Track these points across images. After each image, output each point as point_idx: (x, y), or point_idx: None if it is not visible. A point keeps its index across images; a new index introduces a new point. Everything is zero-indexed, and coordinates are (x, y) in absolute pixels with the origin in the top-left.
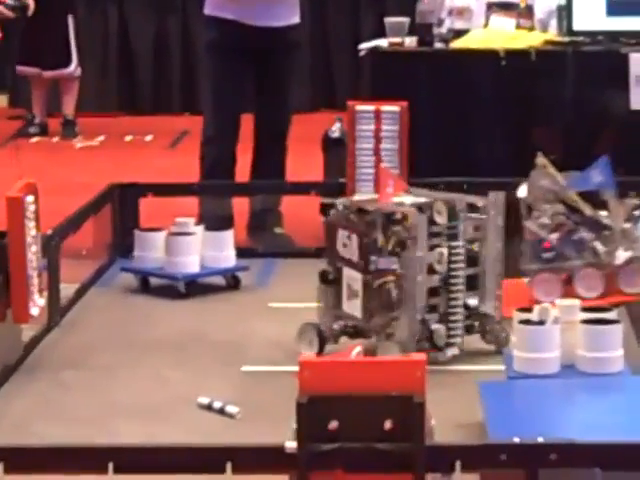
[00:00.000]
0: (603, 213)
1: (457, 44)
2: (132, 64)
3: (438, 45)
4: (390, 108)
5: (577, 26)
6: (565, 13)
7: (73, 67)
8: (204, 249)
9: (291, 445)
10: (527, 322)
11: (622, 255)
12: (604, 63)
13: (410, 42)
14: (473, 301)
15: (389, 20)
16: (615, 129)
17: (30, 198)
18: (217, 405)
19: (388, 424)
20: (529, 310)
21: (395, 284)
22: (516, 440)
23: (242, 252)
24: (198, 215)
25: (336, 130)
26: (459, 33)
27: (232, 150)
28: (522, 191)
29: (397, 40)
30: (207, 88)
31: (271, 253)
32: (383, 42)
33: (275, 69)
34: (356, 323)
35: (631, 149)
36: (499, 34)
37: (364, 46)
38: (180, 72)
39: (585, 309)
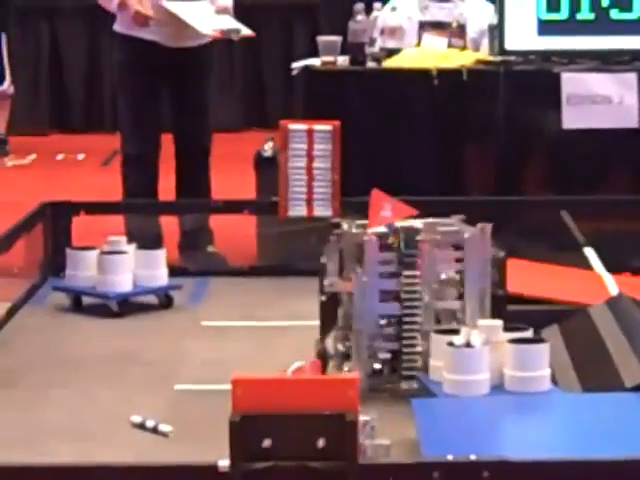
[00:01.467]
0: None
1: (389, 63)
2: (64, 83)
3: (370, 64)
4: (322, 127)
5: (509, 45)
6: (497, 32)
7: (6, 85)
8: (136, 268)
9: (224, 464)
10: (452, 344)
11: None
12: (536, 82)
13: (343, 61)
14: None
15: (321, 39)
16: (547, 148)
17: None
18: (150, 424)
19: (321, 442)
20: (452, 332)
21: (344, 307)
22: (449, 457)
23: (174, 271)
24: (125, 233)
25: (268, 149)
26: (391, 52)
27: (154, 168)
28: None
29: (330, 59)
30: (124, 106)
31: (204, 272)
32: (315, 61)
33: (191, 88)
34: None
35: (563, 168)
36: (431, 53)
37: (296, 65)
38: (111, 90)
39: (507, 328)
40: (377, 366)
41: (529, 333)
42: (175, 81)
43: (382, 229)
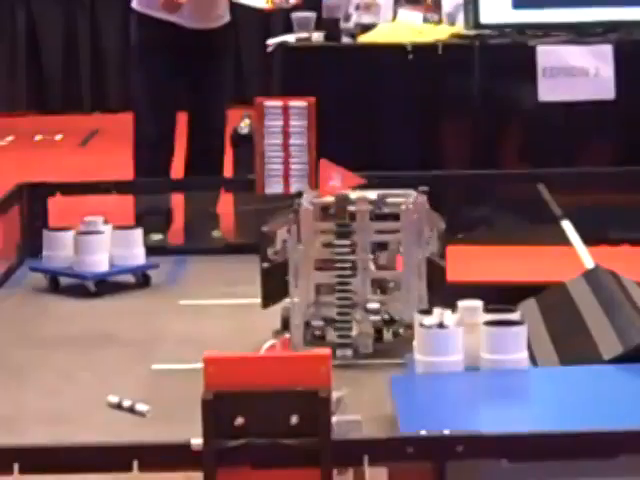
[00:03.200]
0: None
1: (364, 38)
2: (41, 63)
3: (345, 40)
4: (298, 103)
5: (484, 19)
6: (472, 6)
7: None
8: (113, 247)
9: (197, 442)
10: (423, 325)
11: None
12: (511, 56)
13: (317, 37)
14: (373, 305)
15: (296, 15)
16: (523, 121)
17: None
18: (127, 404)
19: (294, 419)
20: (428, 312)
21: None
22: (422, 433)
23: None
24: (134, 215)
25: (245, 126)
26: (366, 27)
27: (169, 148)
28: None
29: (304, 35)
30: (139, 86)
31: (181, 250)
32: (291, 37)
33: (209, 68)
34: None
35: (539, 141)
36: (406, 28)
37: (272, 41)
38: (90, 70)
39: (488, 310)
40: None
41: (515, 315)
42: (193, 62)
43: (326, 199)
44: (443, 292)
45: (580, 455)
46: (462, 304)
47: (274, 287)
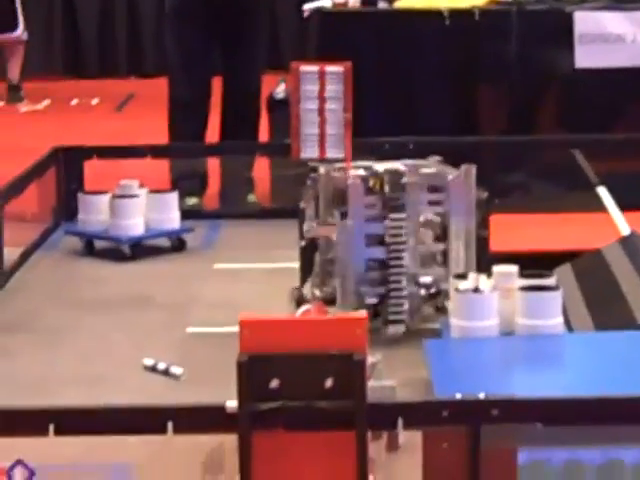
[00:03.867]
0: None
1: (401, 4)
2: (77, 28)
3: (382, 5)
4: (334, 68)
5: None
6: None
7: (19, 31)
8: (148, 211)
9: (232, 404)
10: (458, 289)
11: None
12: (548, 22)
13: (354, 2)
14: (426, 278)
15: None
16: (560, 88)
17: None
18: (162, 366)
19: (329, 382)
20: (464, 277)
21: (328, 253)
22: (458, 396)
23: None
24: (170, 179)
25: (281, 91)
26: None
27: (203, 113)
28: None
29: (341, 0)
30: (174, 52)
31: (217, 214)
32: (327, 2)
33: (244, 31)
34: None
35: (576, 108)
36: None
37: (308, 7)
38: (126, 35)
39: (523, 275)
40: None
41: (550, 280)
42: (227, 27)
43: (361, 172)
44: (486, 262)
45: (614, 420)
46: (497, 269)
47: (310, 264)
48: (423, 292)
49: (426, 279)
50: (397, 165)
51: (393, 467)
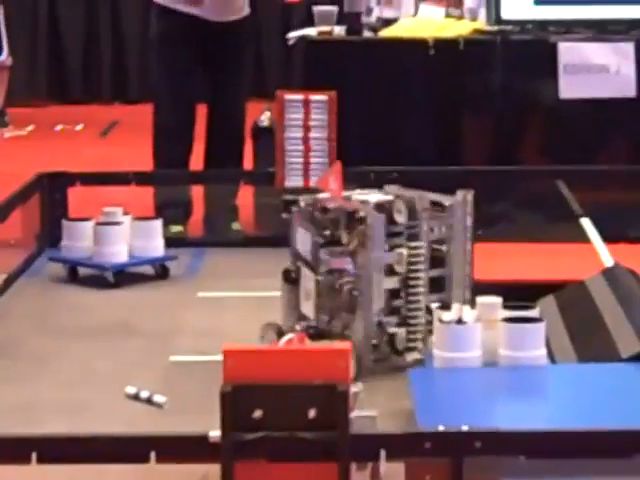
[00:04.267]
0: None
1: (386, 33)
2: (62, 53)
3: (367, 34)
4: (319, 97)
5: (505, 15)
6: (493, 2)
7: (4, 56)
8: (132, 239)
9: (215, 434)
10: (442, 320)
11: None
12: (533, 52)
13: (339, 31)
14: (435, 305)
15: (318, 9)
16: (544, 118)
17: None
18: (144, 395)
19: (312, 413)
20: (447, 307)
21: (350, 284)
22: (441, 428)
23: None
24: (154, 206)
25: (265, 119)
26: (388, 22)
27: (188, 140)
28: None
29: (326, 29)
30: (160, 78)
31: (201, 242)
32: (312, 31)
33: (229, 61)
34: (317, 324)
35: (560, 138)
36: (428, 23)
37: (293, 35)
38: (110, 61)
39: (506, 306)
40: (375, 341)
41: (533, 312)
42: (213, 54)
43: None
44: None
45: (597, 453)
46: (481, 300)
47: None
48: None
49: (435, 305)
50: (386, 194)
51: None
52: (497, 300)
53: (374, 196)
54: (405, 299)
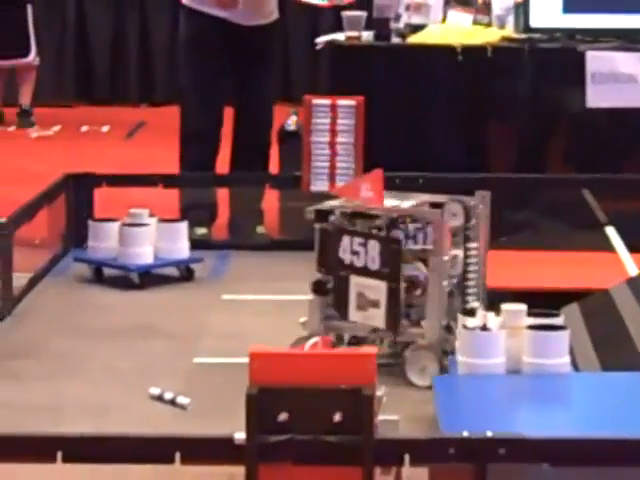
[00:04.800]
0: None
1: (414, 39)
2: (89, 54)
3: (395, 40)
4: (346, 102)
5: (534, 23)
6: (522, 10)
7: (32, 56)
8: (158, 240)
9: (240, 436)
10: (466, 327)
11: None
12: (560, 60)
13: (367, 36)
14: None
15: (346, 14)
16: (571, 127)
17: None
18: (168, 396)
19: (337, 417)
20: (472, 313)
21: (422, 290)
22: (465, 434)
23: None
24: (179, 208)
25: (292, 123)
26: (416, 28)
27: (215, 144)
28: None
29: (354, 34)
30: (188, 82)
31: (226, 245)
32: (340, 36)
33: (257, 65)
34: (361, 334)
35: (586, 147)
36: (456, 30)
37: (321, 40)
38: (137, 63)
39: (531, 314)
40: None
41: (558, 320)
42: (241, 58)
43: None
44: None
45: (620, 461)
46: (506, 307)
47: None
48: None
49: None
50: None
51: None
52: (522, 307)
53: (406, 202)
54: (459, 301)
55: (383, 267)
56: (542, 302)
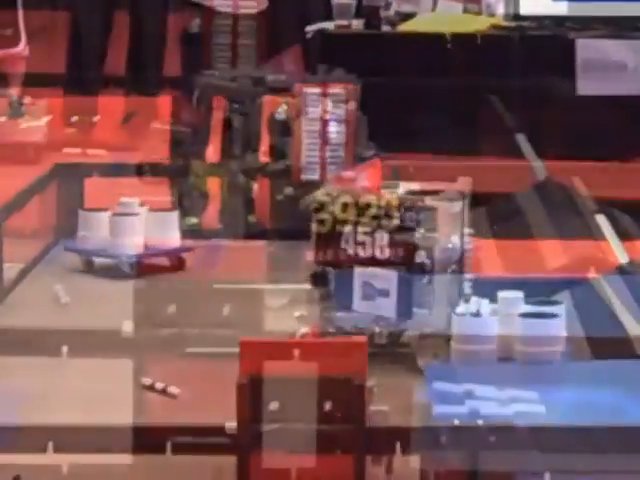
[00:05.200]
0: None
1: (404, 27)
2: (80, 44)
3: (385, 28)
4: (336, 90)
5: (524, 11)
6: None
7: (21, 46)
8: (148, 230)
9: (231, 426)
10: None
11: None
12: (550, 48)
13: (357, 24)
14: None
15: (336, 2)
16: (561, 114)
17: None
18: (159, 386)
19: (328, 406)
20: (466, 300)
21: (427, 277)
22: (456, 422)
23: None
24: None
25: (282, 112)
26: (406, 16)
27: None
28: None
29: (344, 22)
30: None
31: (216, 234)
32: (330, 24)
33: None
34: (363, 325)
35: (577, 134)
36: (446, 18)
37: (311, 28)
38: (128, 53)
39: (525, 301)
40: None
41: (551, 308)
42: None
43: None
44: None
45: (610, 448)
46: (502, 294)
47: None
48: None
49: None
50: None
51: None
52: (517, 295)
53: (400, 190)
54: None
55: (393, 256)
56: (533, 290)
